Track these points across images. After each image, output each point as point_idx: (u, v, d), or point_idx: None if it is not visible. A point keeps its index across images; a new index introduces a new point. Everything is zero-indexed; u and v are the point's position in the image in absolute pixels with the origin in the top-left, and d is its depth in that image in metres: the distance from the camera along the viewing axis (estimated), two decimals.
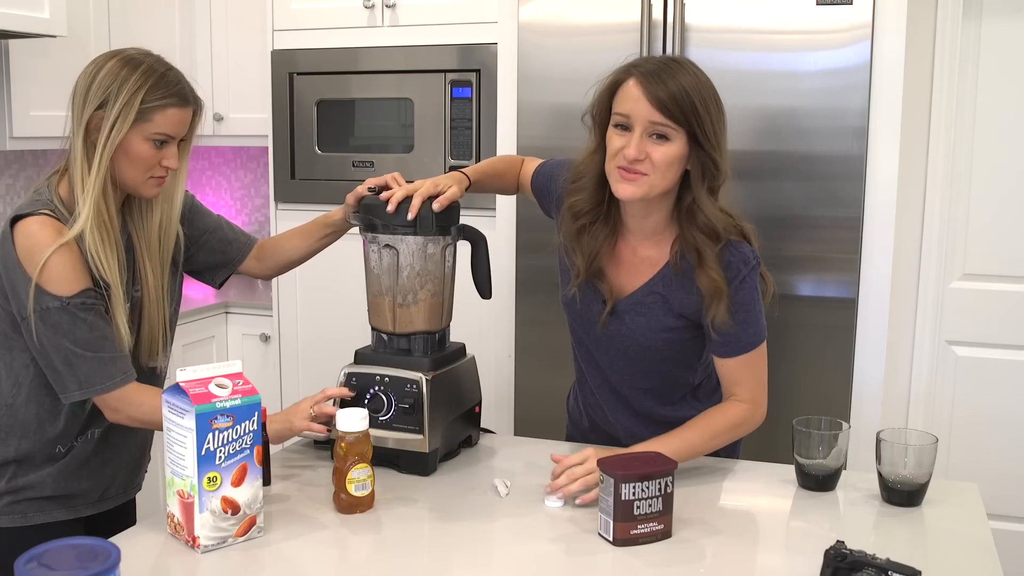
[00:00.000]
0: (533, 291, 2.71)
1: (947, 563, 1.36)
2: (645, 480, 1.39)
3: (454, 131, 2.90)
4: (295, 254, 1.93)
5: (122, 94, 1.54)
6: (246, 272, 1.94)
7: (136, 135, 1.56)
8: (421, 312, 1.73)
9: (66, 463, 1.66)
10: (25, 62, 2.76)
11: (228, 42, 3.37)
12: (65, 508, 1.67)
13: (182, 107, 1.60)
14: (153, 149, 1.59)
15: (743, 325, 1.64)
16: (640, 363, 1.74)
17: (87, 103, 1.56)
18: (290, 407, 1.69)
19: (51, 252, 1.50)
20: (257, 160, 3.80)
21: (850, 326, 2.47)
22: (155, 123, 1.57)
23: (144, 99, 1.55)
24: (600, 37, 2.59)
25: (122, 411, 1.58)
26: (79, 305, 1.52)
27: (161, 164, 1.61)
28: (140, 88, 1.55)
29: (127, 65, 1.57)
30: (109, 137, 1.55)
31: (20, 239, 1.52)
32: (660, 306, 1.68)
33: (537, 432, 2.17)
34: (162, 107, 1.57)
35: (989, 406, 2.93)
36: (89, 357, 1.53)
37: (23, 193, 3.22)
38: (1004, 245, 2.88)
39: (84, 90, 1.57)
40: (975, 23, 2.84)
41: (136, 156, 1.58)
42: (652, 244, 1.69)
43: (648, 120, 1.54)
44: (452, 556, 1.38)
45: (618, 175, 1.58)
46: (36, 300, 1.51)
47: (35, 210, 1.54)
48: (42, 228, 1.52)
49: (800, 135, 2.44)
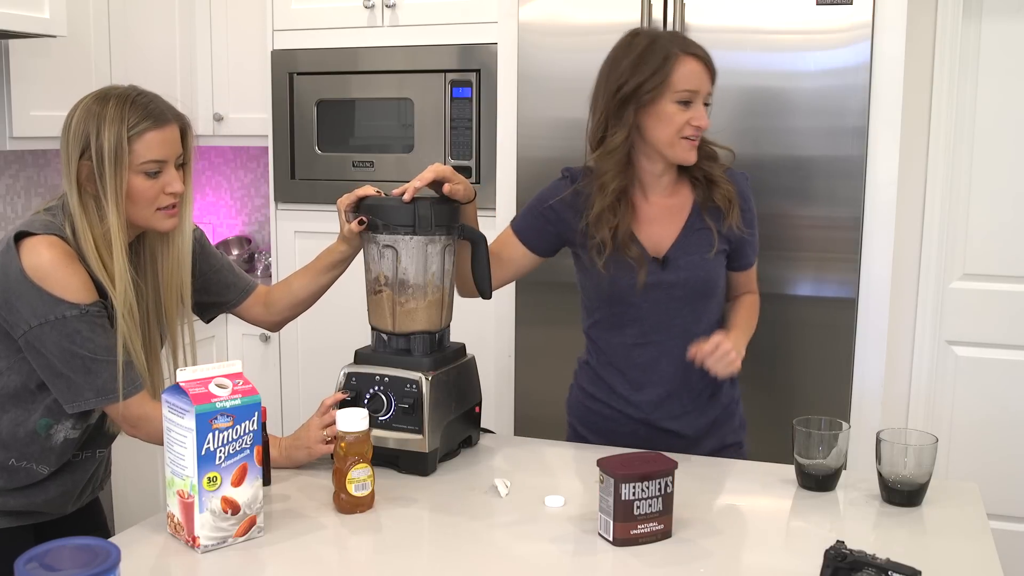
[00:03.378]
0: (533, 291, 2.71)
1: (947, 563, 1.36)
2: (645, 480, 1.39)
3: (454, 131, 2.90)
4: (303, 293, 1.84)
5: (104, 134, 1.50)
6: (253, 321, 1.87)
7: (129, 173, 1.52)
8: (421, 312, 1.73)
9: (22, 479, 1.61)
10: (25, 62, 2.76)
11: (228, 42, 3.37)
12: (16, 518, 1.62)
13: (160, 128, 1.54)
14: (148, 180, 1.54)
15: (756, 232, 1.93)
16: (697, 302, 1.87)
17: (69, 158, 1.52)
18: (299, 431, 1.69)
19: (62, 265, 1.47)
20: (257, 160, 3.80)
21: (850, 326, 2.47)
22: (138, 153, 1.52)
23: (126, 132, 1.50)
24: (600, 37, 2.58)
25: (141, 428, 1.56)
26: (95, 313, 1.51)
27: (165, 192, 1.56)
28: (117, 125, 1.50)
29: (95, 103, 1.52)
30: (115, 183, 1.51)
31: (27, 256, 1.47)
32: (707, 238, 1.85)
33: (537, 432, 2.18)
34: (139, 134, 1.52)
35: (989, 406, 2.93)
36: (111, 362, 1.51)
37: (23, 193, 3.22)
38: (1004, 245, 2.89)
39: (65, 145, 1.53)
40: (975, 23, 2.84)
41: (135, 194, 1.53)
42: (671, 194, 1.88)
43: (707, 92, 1.78)
44: (452, 556, 1.38)
45: (687, 145, 1.79)
46: (49, 311, 1.47)
47: (47, 231, 1.50)
48: (50, 246, 1.48)
49: (800, 135, 2.44)
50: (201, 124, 3.39)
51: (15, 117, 2.75)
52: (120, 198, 1.52)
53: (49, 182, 3.32)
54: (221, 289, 1.83)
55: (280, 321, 1.89)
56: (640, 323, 1.87)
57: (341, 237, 1.76)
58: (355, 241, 1.76)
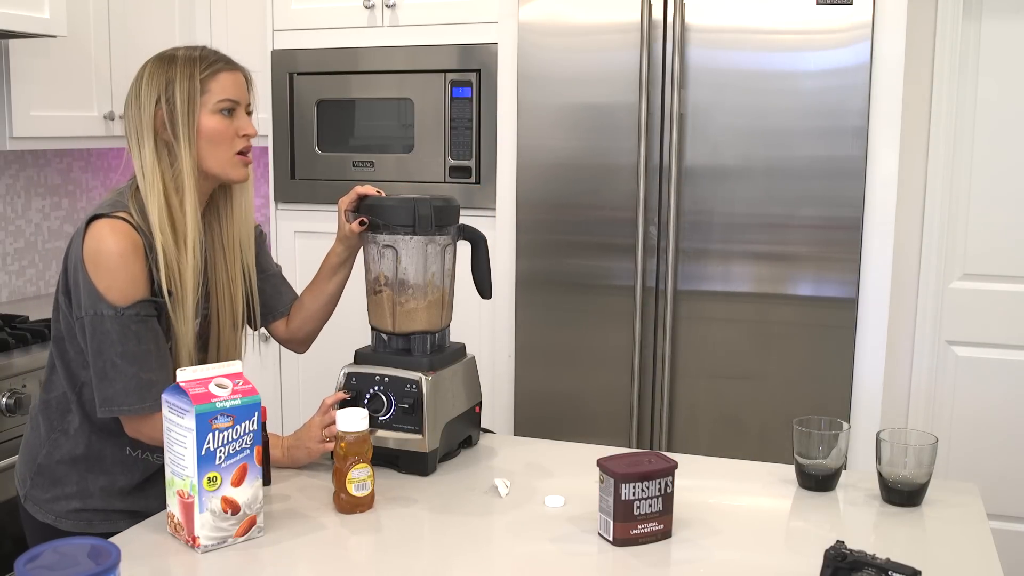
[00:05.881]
0: (533, 291, 2.72)
1: (947, 563, 1.36)
2: (645, 480, 1.39)
3: (454, 131, 2.90)
4: (314, 305, 1.83)
5: (176, 81, 1.54)
6: (281, 340, 1.88)
7: (203, 113, 1.56)
8: (421, 312, 1.73)
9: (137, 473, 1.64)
10: (25, 62, 2.76)
11: (228, 42, 3.37)
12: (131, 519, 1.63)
13: (232, 70, 1.60)
14: (225, 120, 1.58)
15: None
16: None
17: (142, 107, 1.56)
18: (300, 430, 1.69)
19: (115, 258, 1.48)
20: (257, 160, 3.80)
21: (850, 326, 2.47)
22: (213, 92, 1.56)
23: (199, 75, 1.55)
24: (600, 37, 2.59)
25: (144, 431, 1.56)
26: (132, 316, 1.50)
27: (239, 135, 1.60)
28: (190, 68, 1.55)
29: (164, 60, 1.58)
30: (187, 121, 1.54)
31: (89, 241, 1.49)
32: None
33: (537, 432, 2.18)
34: (212, 74, 1.57)
35: (989, 406, 2.93)
36: (130, 374, 1.50)
37: (23, 193, 3.22)
38: (1004, 245, 2.89)
39: (136, 98, 1.57)
40: (975, 23, 2.84)
41: (213, 133, 1.57)
42: None
43: None
44: (452, 556, 1.38)
45: None
46: (92, 304, 1.49)
47: (113, 211, 1.51)
48: (112, 232, 1.49)
49: (800, 135, 2.44)
50: None
51: (15, 117, 2.75)
52: (193, 136, 1.55)
53: (49, 182, 3.32)
54: (273, 294, 1.84)
55: (303, 339, 1.88)
56: None
57: (338, 238, 1.77)
58: (353, 241, 1.76)
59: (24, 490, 1.65)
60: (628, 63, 2.56)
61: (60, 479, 1.62)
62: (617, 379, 2.62)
